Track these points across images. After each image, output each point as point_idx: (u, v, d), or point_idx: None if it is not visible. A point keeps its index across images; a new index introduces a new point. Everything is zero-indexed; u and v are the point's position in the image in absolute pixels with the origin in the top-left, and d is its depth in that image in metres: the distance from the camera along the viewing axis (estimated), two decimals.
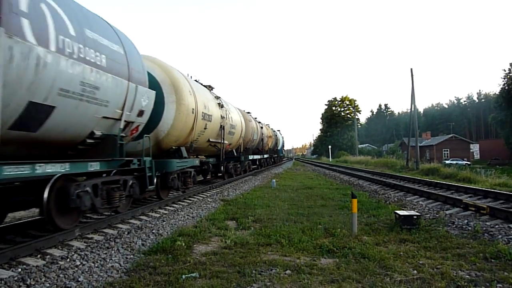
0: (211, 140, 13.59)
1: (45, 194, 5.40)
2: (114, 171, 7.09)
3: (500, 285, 4.01)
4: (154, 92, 8.57)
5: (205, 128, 12.31)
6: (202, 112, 11.79)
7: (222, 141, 14.79)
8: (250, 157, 23.03)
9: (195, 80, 13.09)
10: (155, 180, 8.54)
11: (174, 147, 10.50)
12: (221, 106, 14.67)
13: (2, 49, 4.11)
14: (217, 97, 14.92)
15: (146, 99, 7.92)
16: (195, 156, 12.44)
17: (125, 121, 7.10)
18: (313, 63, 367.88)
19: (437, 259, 4.98)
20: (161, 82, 9.68)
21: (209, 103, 12.92)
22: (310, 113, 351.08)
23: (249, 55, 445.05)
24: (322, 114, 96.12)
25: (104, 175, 6.94)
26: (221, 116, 14.39)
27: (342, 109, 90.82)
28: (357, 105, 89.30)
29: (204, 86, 13.99)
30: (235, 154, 18.85)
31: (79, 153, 6.60)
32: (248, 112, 24.12)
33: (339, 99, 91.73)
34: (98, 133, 6.47)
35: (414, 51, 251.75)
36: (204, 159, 13.59)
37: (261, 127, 27.28)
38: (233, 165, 18.15)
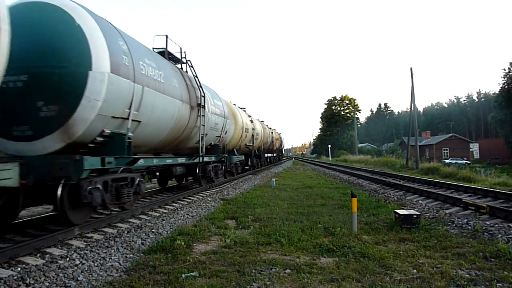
0: (247, 144, 21.38)
1: (197, 170, 12.46)
2: (201, 159, 12.11)
3: (500, 284, 4.00)
4: (230, 121, 16.37)
5: (245, 137, 20.10)
6: (245, 128, 19.46)
7: (253, 144, 22.91)
8: (266, 155, 31.83)
9: (234, 104, 19.59)
10: (223, 168, 15.45)
11: (231, 149, 17.80)
12: (251, 121, 22.47)
13: (206, 116, 11.40)
14: (249, 116, 23.13)
15: (227, 125, 15.39)
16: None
17: (222, 137, 14.46)
18: (313, 62, 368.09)
19: (437, 258, 4.98)
20: (227, 113, 15.77)
21: (246, 120, 20.62)
22: (310, 112, 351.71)
23: (249, 53, 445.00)
24: (322, 113, 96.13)
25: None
26: (252, 128, 22.09)
27: (342, 108, 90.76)
28: (357, 105, 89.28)
29: (240, 108, 21.72)
30: (257, 153, 26.13)
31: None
32: (262, 121, 30.99)
33: (339, 98, 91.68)
34: (213, 143, 13.58)
35: (414, 51, 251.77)
36: None
37: (271, 132, 34.88)
38: (256, 161, 26.02)
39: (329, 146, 71.22)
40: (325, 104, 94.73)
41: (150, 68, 7.84)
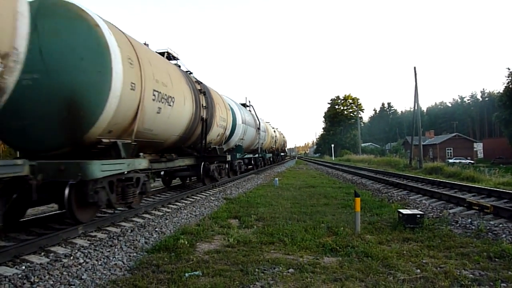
0: (272, 146, 31.63)
1: (252, 161, 24.47)
2: (258, 155, 24.94)
3: (504, 285, 3.98)
4: (265, 133, 27.09)
5: (271, 142, 30.46)
6: (271, 135, 30.14)
7: (274, 146, 34.19)
8: (281, 153, 44.99)
9: (261, 119, 26.11)
10: (264, 161, 28.25)
11: (264, 149, 27.34)
12: (274, 131, 33.34)
13: (259, 135, 23.65)
14: (273, 127, 34.50)
15: (265, 136, 26.63)
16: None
17: (263, 143, 25.50)
18: (316, 62, 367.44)
19: (440, 258, 4.95)
20: (265, 128, 25.82)
21: (271, 131, 30.99)
22: (313, 112, 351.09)
23: (252, 52, 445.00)
24: (325, 112, 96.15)
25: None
26: (275, 135, 33.39)
27: (345, 108, 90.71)
28: (360, 104, 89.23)
29: (266, 122, 30.75)
30: (276, 152, 37.18)
31: (253, 152, 24.03)
32: (277, 128, 40.27)
33: (342, 98, 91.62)
34: (259, 146, 24.02)
35: (417, 50, 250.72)
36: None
37: (283, 137, 46.59)
38: (275, 157, 37.10)
39: (332, 145, 71.17)
40: (328, 103, 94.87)
41: (247, 116, 19.19)
